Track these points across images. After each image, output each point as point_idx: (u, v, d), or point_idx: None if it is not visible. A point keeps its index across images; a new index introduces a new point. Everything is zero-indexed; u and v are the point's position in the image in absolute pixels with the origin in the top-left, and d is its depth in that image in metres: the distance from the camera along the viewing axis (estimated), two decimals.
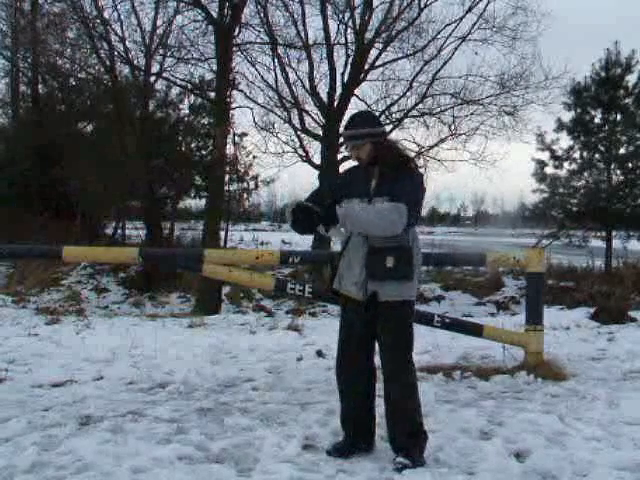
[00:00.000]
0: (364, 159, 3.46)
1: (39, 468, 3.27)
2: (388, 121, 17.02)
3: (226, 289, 13.45)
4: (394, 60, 16.74)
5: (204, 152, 19.34)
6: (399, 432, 3.39)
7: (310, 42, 16.15)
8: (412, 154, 3.46)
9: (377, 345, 3.52)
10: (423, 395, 4.62)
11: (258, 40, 15.93)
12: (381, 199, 3.36)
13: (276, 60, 16.09)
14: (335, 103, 16.33)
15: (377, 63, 16.67)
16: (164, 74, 16.74)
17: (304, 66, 16.36)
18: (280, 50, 16.07)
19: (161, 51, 16.47)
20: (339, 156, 16.76)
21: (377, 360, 3.55)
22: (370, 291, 3.37)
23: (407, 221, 3.31)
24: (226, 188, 16.23)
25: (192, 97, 19.03)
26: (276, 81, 16.34)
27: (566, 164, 16.53)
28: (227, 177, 16.49)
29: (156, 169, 17.81)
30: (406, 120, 17.03)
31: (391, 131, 17.05)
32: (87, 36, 14.75)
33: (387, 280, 3.34)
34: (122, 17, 15.76)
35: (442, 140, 17.06)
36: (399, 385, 3.42)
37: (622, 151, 16.37)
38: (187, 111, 19.97)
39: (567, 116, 16.50)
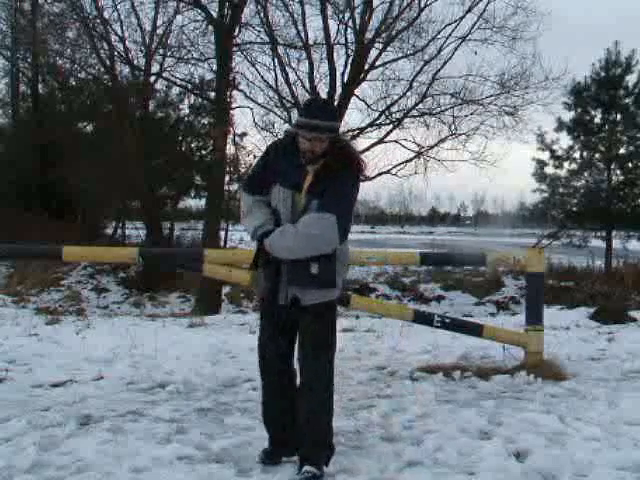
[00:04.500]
0: (318, 153, 3.17)
1: (39, 468, 3.27)
2: (388, 121, 17.01)
3: (226, 289, 13.46)
4: (394, 60, 16.69)
5: (204, 152, 19.34)
6: (309, 441, 3.25)
7: (310, 42, 16.09)
8: (361, 155, 3.22)
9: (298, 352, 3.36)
10: (423, 395, 4.66)
11: (258, 40, 15.91)
12: (314, 202, 3.15)
13: (276, 60, 16.05)
14: (335, 103, 16.30)
15: (377, 63, 16.61)
16: (164, 74, 16.74)
17: (304, 66, 16.31)
18: (280, 50, 16.03)
19: (161, 51, 16.46)
20: None
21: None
22: (291, 295, 3.23)
23: (341, 231, 3.13)
24: (226, 188, 16.23)
25: (192, 97, 19.03)
26: (276, 81, 16.29)
27: (566, 164, 16.59)
28: (227, 177, 16.49)
29: (156, 169, 17.80)
30: (406, 120, 16.97)
31: (391, 131, 17.05)
32: (87, 36, 14.73)
33: (310, 286, 3.20)
34: (122, 17, 15.74)
35: (442, 140, 17.00)
36: (316, 396, 3.28)
37: (622, 151, 16.42)
38: (187, 111, 19.98)
39: (567, 116, 16.55)
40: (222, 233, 16.05)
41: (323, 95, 16.38)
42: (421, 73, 16.58)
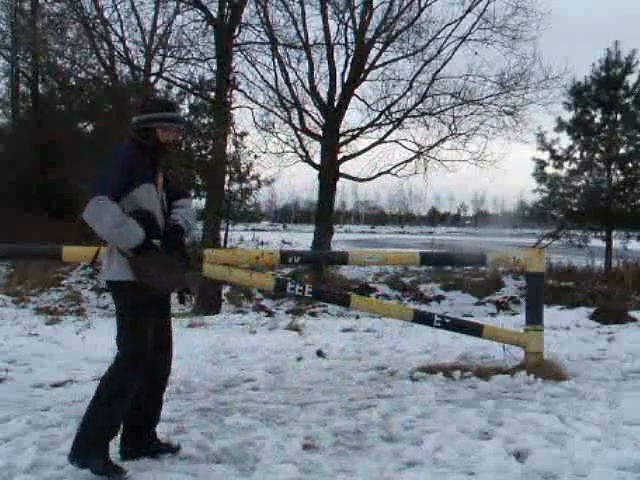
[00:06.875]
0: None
1: (39, 468, 3.28)
2: (388, 121, 17.01)
3: (226, 289, 13.44)
4: (394, 60, 16.73)
5: (204, 152, 19.30)
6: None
7: (310, 42, 16.13)
8: None
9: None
10: (423, 395, 4.66)
11: (258, 40, 15.93)
12: (167, 193, 3.53)
13: (276, 60, 16.08)
14: (335, 103, 16.32)
15: (377, 63, 16.65)
16: (164, 74, 16.72)
17: (304, 66, 16.35)
18: (280, 50, 16.06)
19: (161, 51, 16.44)
20: (339, 156, 16.76)
21: None
22: None
23: None
24: (226, 188, 16.21)
25: (192, 97, 19.02)
26: (276, 81, 16.33)
27: (566, 164, 16.53)
28: (227, 177, 16.46)
29: None
30: (406, 120, 17.00)
31: (391, 131, 17.05)
32: (87, 36, 14.72)
33: None
34: (122, 17, 15.72)
35: (442, 140, 17.04)
36: None
37: (622, 151, 16.37)
38: (187, 111, 19.95)
39: (567, 116, 16.50)
40: (222, 233, 16.01)
41: (323, 95, 16.43)
42: (421, 73, 16.63)
